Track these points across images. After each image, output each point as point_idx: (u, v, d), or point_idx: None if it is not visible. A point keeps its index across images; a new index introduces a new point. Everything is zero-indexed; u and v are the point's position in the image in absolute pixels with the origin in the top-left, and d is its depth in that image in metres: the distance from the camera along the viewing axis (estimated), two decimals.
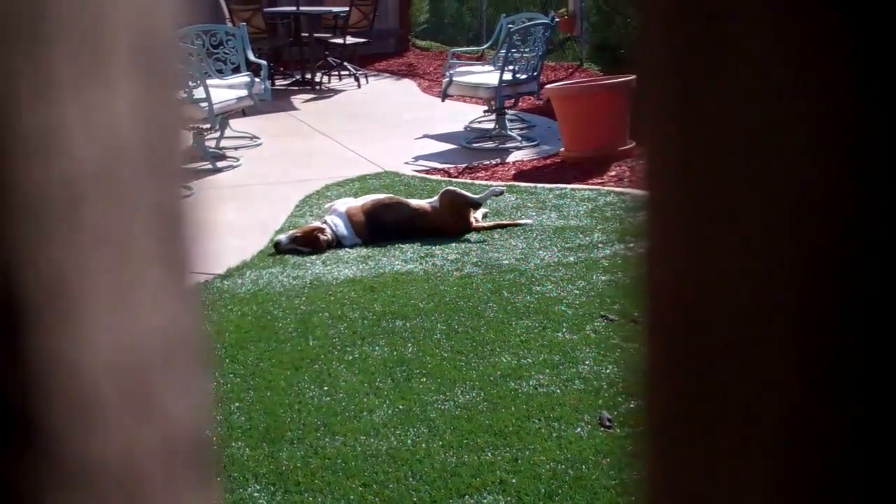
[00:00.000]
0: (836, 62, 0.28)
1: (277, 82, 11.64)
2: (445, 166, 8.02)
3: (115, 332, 0.30)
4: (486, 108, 9.39)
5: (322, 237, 5.68)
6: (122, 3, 0.31)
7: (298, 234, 5.72)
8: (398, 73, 13.00)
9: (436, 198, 6.02)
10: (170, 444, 0.33)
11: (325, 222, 5.84)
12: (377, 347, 4.19)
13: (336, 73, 12.29)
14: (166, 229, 0.32)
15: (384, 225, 5.83)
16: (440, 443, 3.35)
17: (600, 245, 5.51)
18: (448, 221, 5.84)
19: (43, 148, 0.28)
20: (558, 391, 3.70)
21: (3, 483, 0.29)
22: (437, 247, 5.63)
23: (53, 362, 0.29)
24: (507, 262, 5.30)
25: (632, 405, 0.36)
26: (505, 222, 6.04)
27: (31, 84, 0.28)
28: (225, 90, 8.15)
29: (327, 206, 6.21)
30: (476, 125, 9.46)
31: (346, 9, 11.88)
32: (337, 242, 5.75)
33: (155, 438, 0.32)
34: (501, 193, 6.33)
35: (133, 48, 0.31)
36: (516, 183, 7.26)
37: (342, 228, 5.80)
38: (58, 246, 0.29)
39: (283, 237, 5.73)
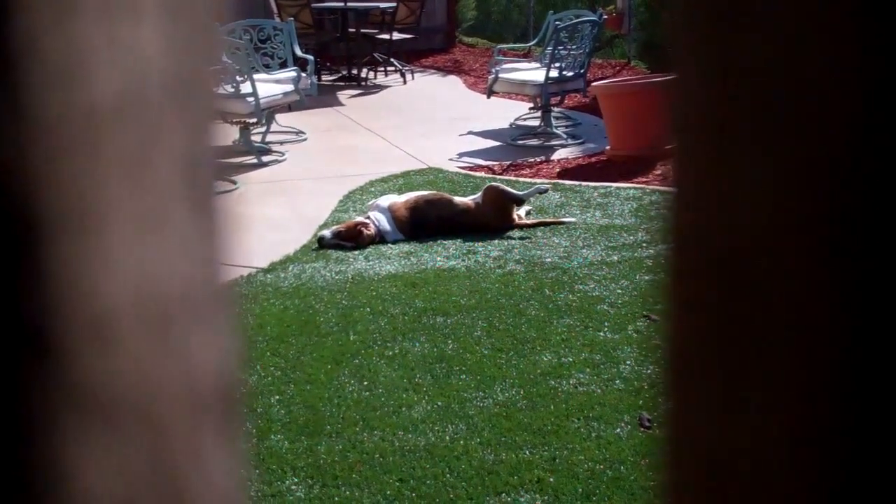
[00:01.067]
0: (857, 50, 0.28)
1: (324, 78, 11.70)
2: (490, 163, 8.01)
3: (134, 264, 0.30)
4: (531, 105, 9.36)
5: (365, 232, 5.70)
6: None
7: (342, 229, 5.74)
8: (444, 70, 13.00)
9: (479, 194, 6.01)
10: (193, 388, 0.32)
11: (369, 217, 5.86)
12: (417, 343, 4.19)
13: (382, 68, 12.32)
14: (193, 173, 0.32)
15: (427, 221, 5.83)
16: (478, 440, 3.34)
17: (644, 244, 5.46)
18: (491, 217, 5.82)
19: (65, 74, 0.28)
20: (598, 391, 3.67)
21: (17, 405, 0.28)
22: (480, 243, 5.61)
23: (71, 284, 0.29)
24: (549, 259, 5.28)
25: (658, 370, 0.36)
26: (548, 220, 6.01)
27: (56, 9, 0.28)
28: (271, 85, 8.20)
29: (370, 202, 6.23)
30: (521, 122, 9.43)
31: (394, 5, 11.90)
32: (380, 238, 5.77)
33: (177, 379, 0.32)
34: (546, 191, 6.31)
35: None
36: (561, 181, 7.23)
37: (385, 224, 5.81)
38: (78, 172, 0.29)
39: (326, 232, 5.75)
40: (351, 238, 5.68)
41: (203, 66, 0.32)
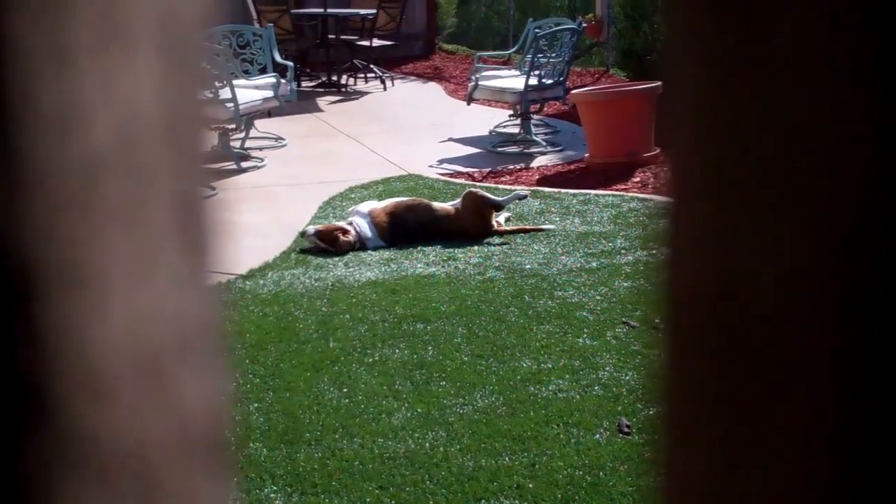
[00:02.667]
0: (866, 68, 0.28)
1: (303, 84, 11.68)
2: (469, 170, 8.02)
3: (130, 313, 0.30)
4: (511, 112, 9.38)
5: (342, 238, 5.70)
6: None
7: (321, 229, 5.77)
8: (424, 77, 13.01)
9: (458, 200, 6.02)
10: (185, 432, 0.32)
11: (351, 224, 5.86)
12: (397, 350, 4.18)
13: (362, 75, 12.32)
14: (185, 212, 0.32)
15: (407, 227, 5.84)
16: (458, 447, 3.34)
17: (623, 251, 5.48)
18: (470, 223, 5.83)
19: (61, 123, 0.28)
20: (577, 397, 3.68)
21: (14, 461, 0.28)
22: (460, 250, 5.62)
23: (67, 339, 0.28)
24: (529, 266, 5.29)
25: (651, 408, 0.35)
26: (528, 227, 6.02)
27: (50, 57, 0.27)
28: (251, 91, 8.18)
29: (351, 209, 6.23)
30: (501, 129, 9.45)
31: (374, 11, 11.90)
32: (361, 244, 5.77)
33: (169, 426, 0.31)
34: (525, 197, 6.32)
35: (155, 23, 0.30)
36: (540, 188, 7.25)
37: (366, 230, 5.82)
38: (73, 223, 0.28)
39: (311, 227, 5.82)
40: (327, 241, 5.69)
41: (195, 110, 0.32)
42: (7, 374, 0.28)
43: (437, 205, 6.04)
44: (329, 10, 11.87)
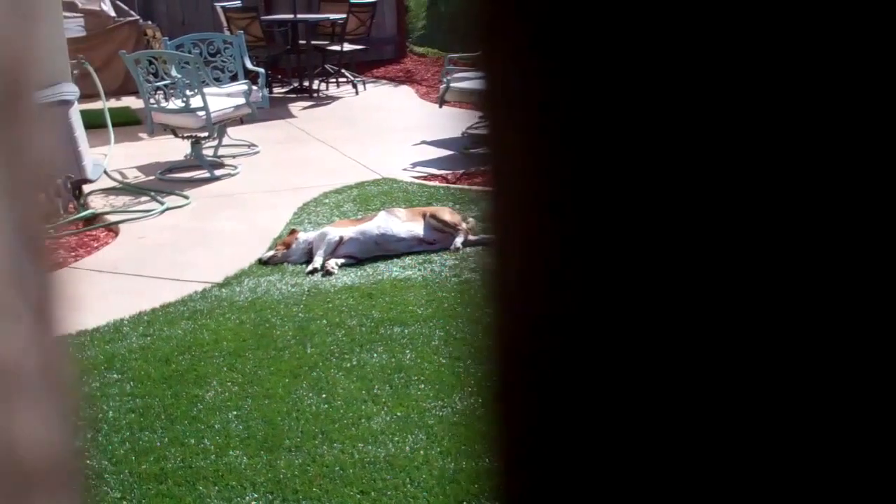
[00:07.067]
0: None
1: (275, 90, 11.65)
2: (443, 172, 8.02)
3: None
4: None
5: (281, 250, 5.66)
6: None
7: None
8: (396, 80, 13.00)
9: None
10: (12, 468, 0.31)
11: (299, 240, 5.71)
12: (375, 354, 4.18)
13: (334, 80, 12.29)
14: (19, 241, 0.31)
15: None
16: (438, 450, 3.34)
17: None
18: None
19: None
20: None
21: None
22: (436, 253, 5.62)
23: None
24: None
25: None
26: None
27: None
28: (223, 98, 8.15)
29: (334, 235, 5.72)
30: (474, 131, 9.45)
31: (344, 16, 11.89)
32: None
33: None
34: None
35: None
36: None
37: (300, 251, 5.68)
38: None
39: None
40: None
41: (30, 158, 0.31)
42: None
43: (407, 224, 5.85)
44: (299, 16, 11.84)
